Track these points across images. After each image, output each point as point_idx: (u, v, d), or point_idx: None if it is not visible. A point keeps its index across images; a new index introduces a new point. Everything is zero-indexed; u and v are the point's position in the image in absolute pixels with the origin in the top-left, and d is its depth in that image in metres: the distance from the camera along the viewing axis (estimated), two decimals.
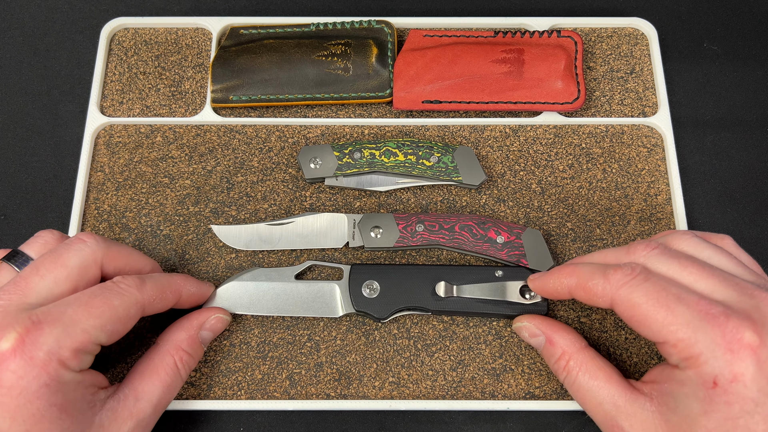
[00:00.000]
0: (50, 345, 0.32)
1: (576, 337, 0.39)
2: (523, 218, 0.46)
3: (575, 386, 0.37)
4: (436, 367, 0.42)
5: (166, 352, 0.38)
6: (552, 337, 0.39)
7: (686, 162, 0.49)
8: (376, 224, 0.44)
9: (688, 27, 0.54)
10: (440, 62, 0.48)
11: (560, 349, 0.38)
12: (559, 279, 0.38)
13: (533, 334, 0.40)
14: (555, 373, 0.39)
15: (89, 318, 0.33)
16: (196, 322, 0.40)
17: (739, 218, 0.48)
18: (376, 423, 0.42)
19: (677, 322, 0.32)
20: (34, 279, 0.34)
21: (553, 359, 0.39)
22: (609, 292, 0.35)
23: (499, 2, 0.55)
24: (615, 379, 0.36)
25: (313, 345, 0.43)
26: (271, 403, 0.41)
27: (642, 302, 0.33)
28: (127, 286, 0.36)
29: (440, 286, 0.42)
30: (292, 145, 0.48)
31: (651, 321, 0.33)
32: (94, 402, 0.34)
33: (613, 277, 0.34)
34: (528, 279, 0.41)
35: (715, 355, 0.31)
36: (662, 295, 0.33)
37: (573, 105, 0.48)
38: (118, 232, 0.45)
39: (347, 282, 0.42)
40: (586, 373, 0.37)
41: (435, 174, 0.45)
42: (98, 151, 0.48)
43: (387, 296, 0.42)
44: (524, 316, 0.41)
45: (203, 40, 0.51)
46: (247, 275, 0.43)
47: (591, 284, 0.35)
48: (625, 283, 0.34)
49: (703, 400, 0.31)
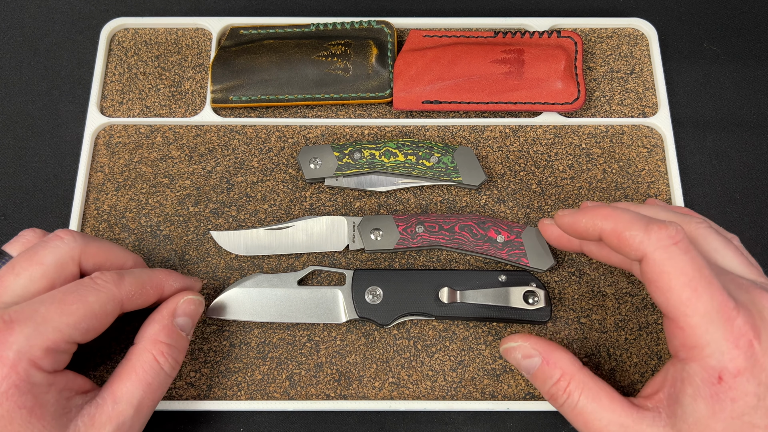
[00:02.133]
0: (20, 344, 0.31)
1: (573, 357, 0.37)
2: (523, 218, 0.46)
3: (576, 410, 0.35)
4: (436, 368, 0.42)
5: (143, 348, 0.36)
6: (549, 357, 0.37)
7: (686, 162, 0.49)
8: (375, 226, 0.44)
9: (688, 27, 0.54)
10: (440, 62, 0.48)
11: (559, 371, 0.36)
12: (593, 219, 0.35)
13: (527, 355, 0.37)
14: (551, 398, 0.36)
15: (62, 315, 0.32)
16: (166, 311, 0.38)
17: (739, 219, 0.48)
18: (376, 423, 0.42)
19: (696, 310, 0.31)
20: (9, 278, 0.34)
21: (551, 382, 0.36)
22: (644, 248, 0.32)
23: (499, 2, 0.55)
24: (618, 399, 0.34)
25: (313, 345, 0.43)
26: (270, 403, 0.41)
27: (673, 273, 0.32)
28: (104, 282, 0.35)
29: (443, 292, 0.42)
30: (292, 145, 0.48)
31: (672, 295, 0.32)
32: (69, 407, 0.33)
33: (654, 234, 0.32)
34: (556, 215, 0.38)
35: (721, 349, 0.30)
36: (696, 276, 0.31)
37: (573, 105, 0.48)
38: (118, 232, 0.45)
39: (350, 288, 0.42)
40: (589, 395, 0.35)
41: (435, 174, 0.45)
42: (98, 151, 0.48)
43: (390, 302, 0.42)
44: (515, 336, 0.39)
45: (203, 41, 0.51)
46: (250, 281, 0.43)
47: (628, 234, 0.33)
48: (665, 245, 0.32)
49: (709, 398, 0.31)
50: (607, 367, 0.42)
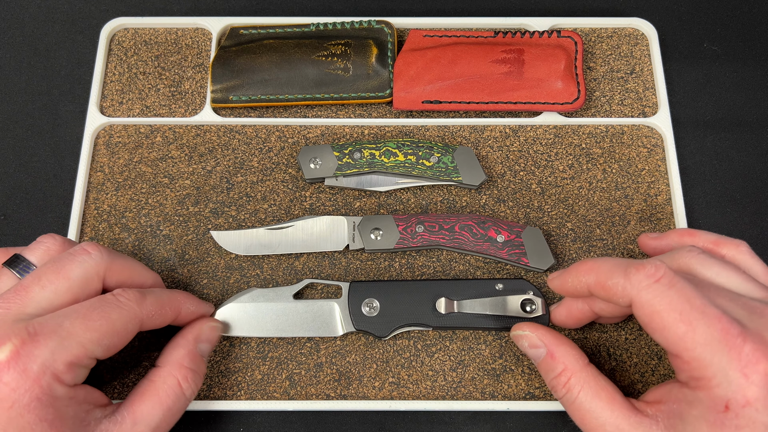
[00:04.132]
0: (45, 357, 0.31)
1: (579, 353, 0.37)
2: (523, 218, 0.46)
3: (575, 405, 0.35)
4: (435, 368, 0.42)
5: (168, 373, 0.37)
6: (554, 351, 0.37)
7: (686, 162, 0.49)
8: (376, 226, 0.44)
9: (688, 27, 0.54)
10: (440, 62, 0.48)
11: (561, 365, 0.36)
12: (577, 277, 0.36)
13: (534, 345, 0.38)
14: (552, 389, 0.37)
15: (86, 331, 0.33)
16: (192, 336, 0.39)
17: (739, 219, 0.48)
18: (375, 423, 0.42)
19: (696, 341, 0.30)
20: (35, 289, 0.34)
21: (552, 374, 0.37)
22: (629, 293, 0.33)
23: (499, 2, 0.55)
24: (618, 400, 0.34)
25: (313, 345, 0.43)
26: (270, 403, 0.41)
27: (663, 311, 0.31)
28: (126, 299, 0.35)
29: (440, 303, 0.41)
30: (291, 145, 0.48)
31: (669, 333, 0.31)
32: (89, 420, 0.33)
33: (634, 277, 0.33)
34: (548, 279, 0.39)
35: (728, 379, 0.30)
36: (686, 308, 0.31)
37: (573, 105, 0.48)
38: (118, 232, 0.45)
39: (346, 300, 0.42)
40: (588, 393, 0.35)
41: (435, 174, 0.45)
42: (98, 151, 0.48)
43: (387, 314, 0.42)
44: (525, 324, 0.39)
45: (203, 40, 0.51)
46: (246, 296, 0.42)
47: (611, 283, 0.34)
48: (647, 285, 0.32)
49: (713, 423, 0.30)
50: (607, 367, 0.42)
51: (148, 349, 0.42)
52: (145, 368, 0.42)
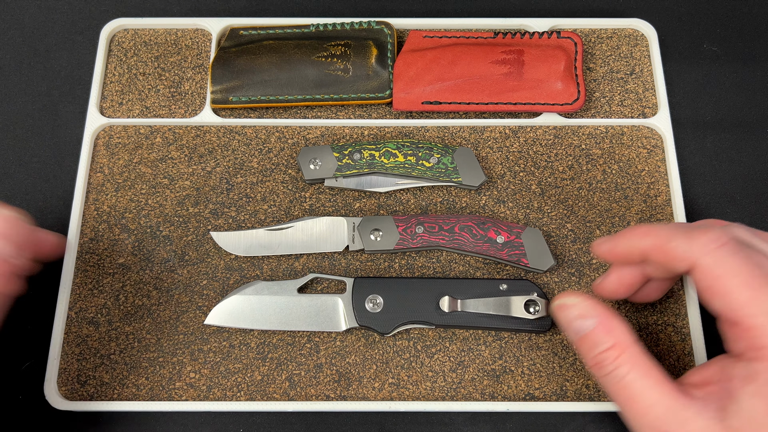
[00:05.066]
0: None
1: (630, 328, 0.34)
2: (523, 219, 0.46)
3: (621, 384, 0.32)
4: (435, 369, 0.42)
5: None
6: (607, 323, 0.34)
7: (686, 163, 0.49)
8: (375, 227, 0.44)
9: (688, 28, 0.54)
10: (440, 63, 0.48)
11: (612, 339, 0.33)
12: (631, 240, 0.34)
13: (584, 315, 0.34)
14: (595, 365, 0.34)
15: None
16: None
17: (739, 219, 0.47)
18: (375, 424, 0.42)
19: (760, 308, 0.29)
20: None
21: (599, 348, 0.33)
22: (692, 256, 0.31)
23: (499, 3, 0.55)
24: (667, 381, 0.32)
25: (313, 346, 0.43)
26: (270, 404, 0.41)
27: (728, 276, 0.30)
28: None
29: (444, 301, 0.41)
30: (291, 146, 0.48)
31: (731, 298, 0.30)
32: None
33: (698, 240, 0.31)
34: (592, 245, 0.37)
35: None
36: (754, 273, 0.30)
37: (573, 106, 0.48)
38: (118, 233, 0.45)
39: (350, 296, 0.42)
40: (639, 371, 0.32)
41: (435, 175, 0.45)
42: (98, 152, 0.48)
43: (390, 311, 0.42)
44: (571, 293, 0.36)
45: (203, 41, 0.51)
46: (249, 289, 0.43)
47: (672, 245, 0.32)
48: (713, 249, 0.31)
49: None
50: None
51: (148, 350, 0.42)
52: (144, 368, 0.42)
